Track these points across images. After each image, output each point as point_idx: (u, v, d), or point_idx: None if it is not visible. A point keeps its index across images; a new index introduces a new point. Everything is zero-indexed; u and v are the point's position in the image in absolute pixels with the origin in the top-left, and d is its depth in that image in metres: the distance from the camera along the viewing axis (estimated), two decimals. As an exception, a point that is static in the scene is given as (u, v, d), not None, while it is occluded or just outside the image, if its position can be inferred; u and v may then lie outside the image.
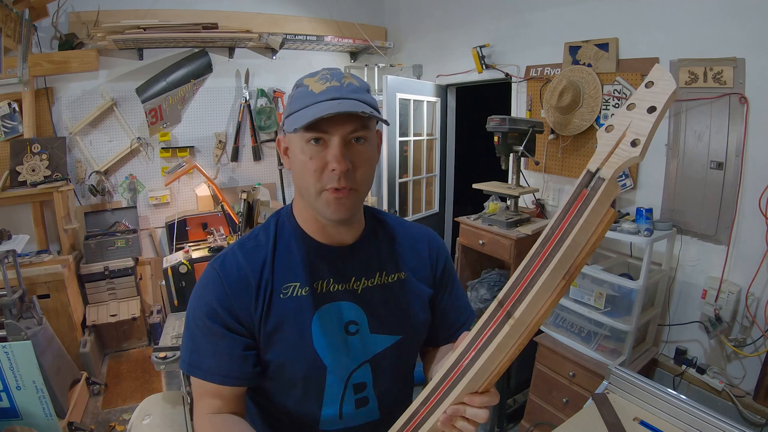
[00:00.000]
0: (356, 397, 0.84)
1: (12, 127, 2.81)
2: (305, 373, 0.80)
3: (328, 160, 0.71)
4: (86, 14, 2.95)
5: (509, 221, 2.30)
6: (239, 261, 0.80)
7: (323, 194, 0.73)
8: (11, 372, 1.87)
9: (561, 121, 2.39)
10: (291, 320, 0.79)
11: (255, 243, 0.83)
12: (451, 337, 0.92)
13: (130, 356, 3.01)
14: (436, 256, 0.92)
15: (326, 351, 0.80)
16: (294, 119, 0.72)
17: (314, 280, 0.81)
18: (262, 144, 3.67)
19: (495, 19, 2.86)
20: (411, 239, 0.91)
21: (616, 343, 1.89)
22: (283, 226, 0.85)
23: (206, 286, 0.79)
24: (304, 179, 0.74)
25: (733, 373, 1.83)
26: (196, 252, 2.32)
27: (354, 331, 0.82)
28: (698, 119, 1.89)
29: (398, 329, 0.86)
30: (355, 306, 0.83)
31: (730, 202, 1.80)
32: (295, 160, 0.76)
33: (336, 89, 0.72)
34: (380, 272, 0.86)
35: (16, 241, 2.28)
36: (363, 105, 0.72)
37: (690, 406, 0.89)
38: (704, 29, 1.83)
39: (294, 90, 0.78)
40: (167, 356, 1.66)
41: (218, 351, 0.77)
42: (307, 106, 0.72)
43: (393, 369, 0.87)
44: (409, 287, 0.88)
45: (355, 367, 0.83)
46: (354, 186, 0.74)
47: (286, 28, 3.51)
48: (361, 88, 0.75)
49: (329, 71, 0.76)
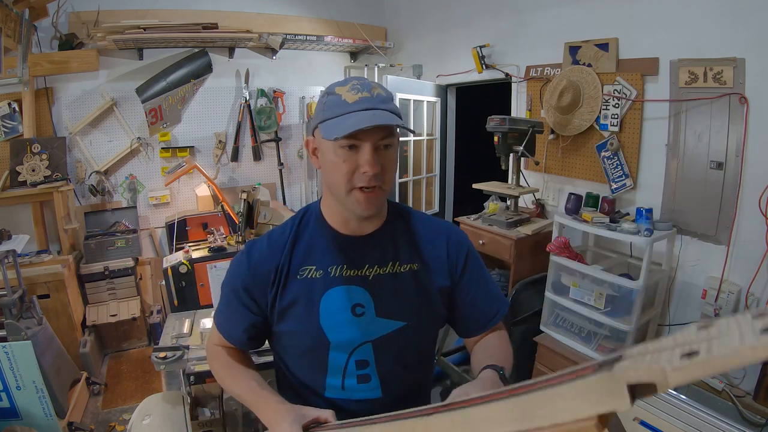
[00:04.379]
0: (359, 373, 0.92)
1: (12, 127, 2.81)
2: (311, 345, 0.91)
3: (360, 164, 0.80)
4: (86, 14, 2.95)
5: (509, 221, 2.30)
6: (264, 248, 0.93)
7: (353, 192, 0.82)
8: (11, 372, 1.87)
9: (561, 121, 2.38)
10: (303, 298, 0.89)
11: (281, 231, 0.95)
12: (485, 326, 0.98)
13: (130, 356, 3.01)
14: (456, 251, 0.95)
15: (331, 328, 0.89)
16: (331, 127, 0.79)
17: (329, 265, 0.90)
18: (262, 144, 3.66)
19: (495, 19, 2.86)
20: (431, 234, 0.96)
21: (616, 343, 1.89)
22: (310, 217, 0.95)
23: (235, 267, 0.95)
24: (335, 178, 0.83)
25: (733, 373, 1.83)
26: (196, 252, 2.31)
27: (360, 313, 0.89)
28: (698, 119, 1.89)
29: (404, 316, 0.91)
30: (363, 290, 0.90)
31: (730, 202, 1.80)
32: (327, 162, 0.84)
33: (368, 100, 0.80)
34: (393, 262, 0.92)
35: (16, 241, 2.28)
36: (394, 116, 0.80)
37: (690, 406, 0.89)
38: (704, 29, 1.83)
39: (325, 97, 0.84)
40: (167, 356, 1.66)
41: (229, 316, 0.95)
42: (341, 115, 0.79)
43: (397, 353, 0.92)
44: (420, 278, 0.93)
45: (357, 345, 0.90)
46: (382, 185, 0.83)
47: (286, 28, 3.51)
48: (388, 98, 0.83)
49: (359, 81, 0.83)
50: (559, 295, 2.05)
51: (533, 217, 2.48)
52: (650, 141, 2.09)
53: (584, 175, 2.39)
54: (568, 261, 1.99)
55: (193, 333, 1.85)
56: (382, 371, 0.92)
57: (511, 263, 2.24)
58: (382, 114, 0.79)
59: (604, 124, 2.24)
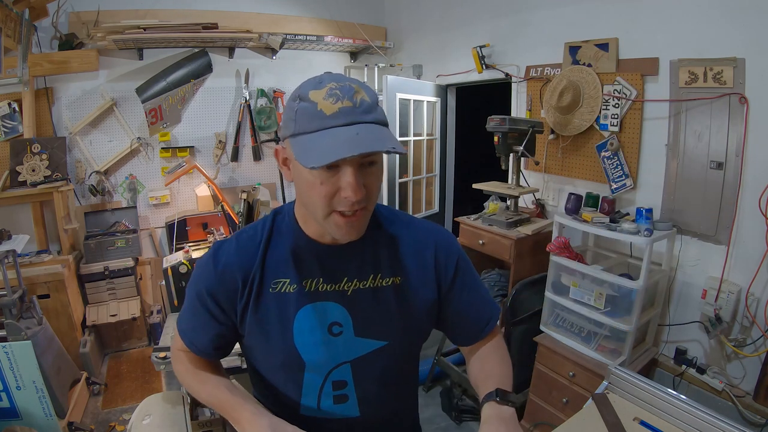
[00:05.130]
0: (335, 393, 0.86)
1: (12, 127, 2.81)
2: (284, 365, 0.84)
3: (341, 187, 0.69)
4: (86, 14, 2.95)
5: (509, 221, 2.30)
6: (231, 252, 0.83)
7: (333, 216, 0.72)
8: (11, 372, 1.87)
9: (561, 121, 2.39)
10: (275, 315, 0.82)
11: (251, 234, 0.85)
12: (478, 334, 0.93)
13: (130, 356, 3.01)
14: (445, 261, 0.88)
15: (306, 348, 0.82)
16: (305, 148, 0.67)
17: (303, 278, 0.82)
18: (262, 144, 3.67)
19: (495, 19, 2.86)
20: (416, 243, 0.87)
21: (616, 343, 1.89)
22: (282, 221, 0.86)
23: (200, 269, 0.85)
24: (311, 200, 0.72)
25: (733, 373, 1.83)
26: (196, 252, 2.31)
27: (338, 332, 0.83)
28: (698, 119, 1.89)
29: (385, 335, 0.84)
30: (341, 308, 0.82)
31: (730, 202, 1.80)
32: (301, 179, 0.73)
33: (349, 111, 0.67)
34: (374, 275, 0.84)
35: (16, 241, 2.28)
36: (381, 131, 0.68)
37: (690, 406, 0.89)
38: (704, 29, 1.83)
39: (296, 103, 0.70)
40: (167, 356, 1.66)
41: (194, 323, 0.87)
42: (317, 131, 0.67)
43: (378, 373, 0.86)
44: (403, 293, 0.85)
45: (334, 366, 0.84)
46: (365, 205, 0.73)
47: (286, 28, 3.51)
48: (372, 105, 0.70)
49: (338, 85, 0.68)
50: (559, 295, 2.05)
51: (533, 217, 2.48)
52: (650, 141, 2.09)
53: (584, 175, 2.39)
54: (568, 261, 1.99)
55: (193, 333, 1.85)
56: (360, 392, 0.86)
57: (511, 263, 2.24)
58: (368, 133, 0.66)
59: (604, 124, 2.24)
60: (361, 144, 0.64)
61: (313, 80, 0.71)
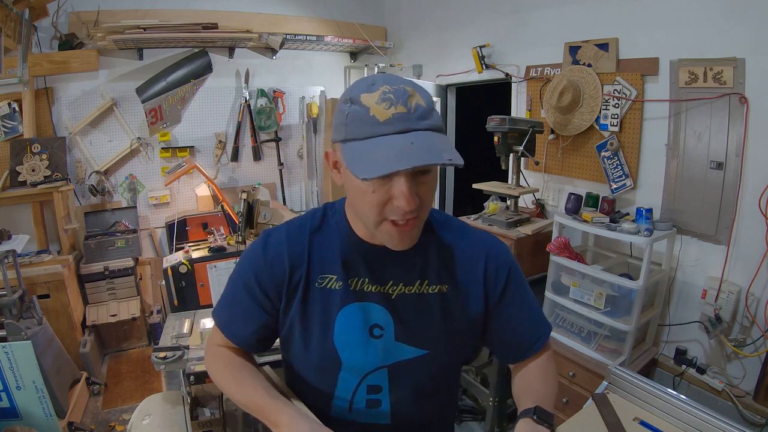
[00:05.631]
0: (369, 398, 0.83)
1: (12, 127, 2.81)
2: (320, 363, 0.82)
3: (393, 195, 0.66)
4: (86, 14, 2.95)
5: (509, 221, 2.30)
6: (282, 240, 0.82)
7: (384, 224, 0.70)
8: (11, 372, 1.87)
9: (561, 121, 2.39)
10: (318, 311, 0.80)
11: (301, 225, 0.84)
12: (524, 353, 0.89)
13: (130, 356, 3.01)
14: (495, 273, 0.84)
15: (345, 347, 0.80)
16: (357, 156, 0.64)
17: (350, 276, 0.80)
18: (262, 144, 3.67)
19: (495, 19, 2.86)
20: (466, 251, 0.84)
21: (616, 343, 1.89)
22: (333, 217, 0.84)
23: (250, 256, 0.84)
24: (362, 207, 0.70)
25: (733, 373, 1.83)
26: (196, 252, 2.31)
27: (378, 335, 0.80)
28: (698, 119, 1.89)
29: (426, 343, 0.81)
30: (384, 310, 0.80)
31: (730, 202, 1.80)
32: (352, 186, 0.70)
33: (403, 117, 0.64)
34: (421, 281, 0.81)
35: (16, 241, 2.28)
36: (439, 145, 0.64)
37: (690, 406, 0.89)
38: (704, 29, 1.83)
39: (347, 106, 0.67)
40: (167, 356, 1.66)
41: (236, 314, 0.85)
42: (370, 137, 0.64)
43: (415, 382, 0.83)
44: (449, 302, 0.82)
45: (371, 370, 0.81)
46: (419, 214, 0.70)
47: (286, 28, 3.51)
48: (428, 109, 0.66)
49: (391, 88, 0.65)
50: (559, 295, 2.05)
51: (533, 217, 2.48)
52: (650, 141, 2.09)
53: (584, 175, 2.39)
54: (568, 261, 1.99)
55: (193, 333, 1.85)
56: (394, 399, 0.83)
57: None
58: (423, 142, 0.63)
59: (604, 124, 2.24)
60: (416, 156, 0.61)
61: (365, 82, 0.68)
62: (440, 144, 0.65)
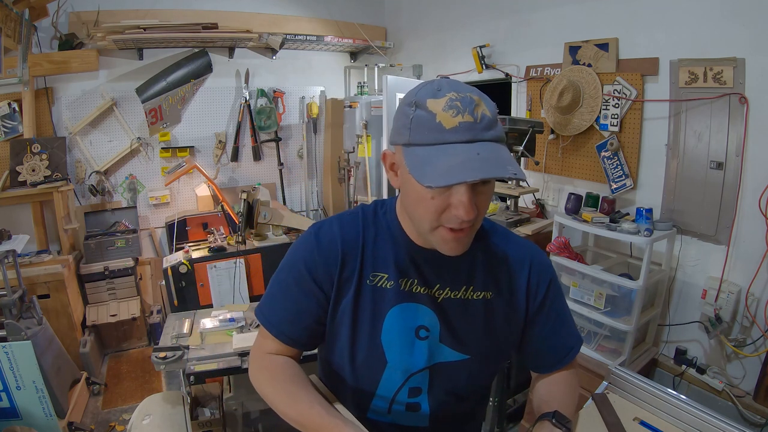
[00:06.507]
0: (409, 401, 0.83)
1: (12, 127, 2.81)
2: (365, 361, 0.81)
3: (453, 204, 0.66)
4: (86, 14, 2.95)
5: (509, 221, 2.30)
6: (335, 231, 0.81)
7: (439, 230, 0.70)
8: (11, 372, 1.87)
9: (561, 121, 2.39)
10: (369, 308, 0.80)
11: (352, 219, 0.83)
12: (555, 364, 0.89)
13: (130, 356, 3.01)
14: (537, 283, 0.84)
15: (391, 347, 0.80)
16: (421, 162, 0.64)
17: (401, 276, 0.80)
18: (262, 144, 3.67)
19: (495, 19, 2.86)
20: (512, 258, 0.85)
21: (616, 343, 1.89)
22: (384, 216, 0.84)
23: (299, 247, 0.82)
24: (418, 212, 0.70)
25: (733, 373, 1.83)
26: (196, 252, 2.31)
27: (424, 336, 0.80)
28: (698, 119, 1.89)
29: (468, 349, 0.82)
30: (432, 313, 0.80)
31: (730, 202, 1.80)
32: (410, 190, 0.70)
33: (470, 127, 0.63)
34: (467, 286, 0.81)
35: (16, 241, 2.28)
36: (503, 157, 0.64)
37: (690, 406, 0.89)
38: (704, 29, 1.83)
39: (411, 110, 0.67)
40: (167, 356, 1.66)
41: (286, 312, 0.82)
42: (436, 144, 0.64)
43: (453, 385, 0.84)
44: (493, 309, 0.83)
45: (415, 372, 0.81)
46: (474, 223, 0.70)
47: (286, 28, 3.52)
48: (493, 120, 0.66)
49: (458, 95, 0.64)
50: (559, 295, 2.05)
51: (533, 217, 2.48)
52: (650, 141, 2.09)
53: (584, 175, 2.39)
54: (568, 261, 1.99)
55: (193, 333, 1.85)
56: (433, 401, 0.83)
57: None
58: (489, 153, 0.63)
59: (604, 124, 2.24)
60: (482, 168, 0.61)
61: (431, 87, 0.68)
62: (504, 156, 0.65)
